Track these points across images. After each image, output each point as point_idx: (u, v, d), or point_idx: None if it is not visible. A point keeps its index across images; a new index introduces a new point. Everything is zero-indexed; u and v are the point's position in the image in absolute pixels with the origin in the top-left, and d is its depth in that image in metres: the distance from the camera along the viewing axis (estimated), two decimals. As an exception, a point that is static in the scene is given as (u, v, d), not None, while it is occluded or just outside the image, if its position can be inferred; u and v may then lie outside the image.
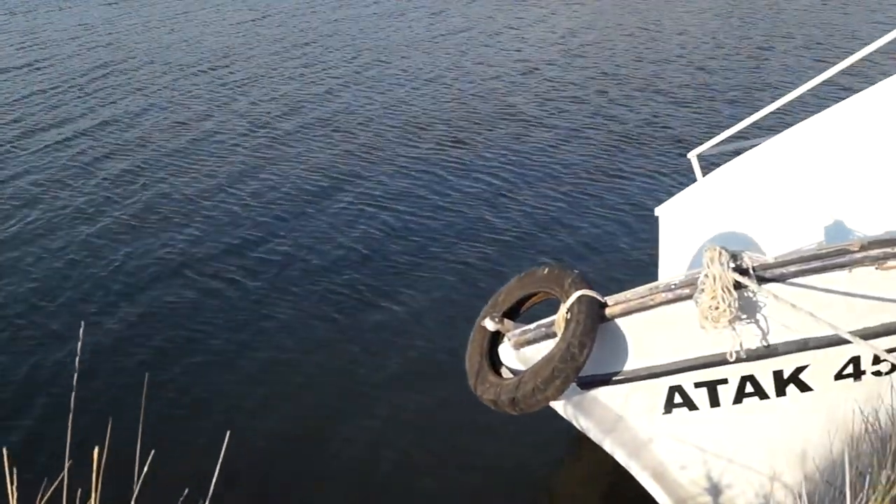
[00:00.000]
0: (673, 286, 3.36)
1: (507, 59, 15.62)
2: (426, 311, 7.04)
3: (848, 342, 3.38)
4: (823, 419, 3.75)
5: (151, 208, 9.32)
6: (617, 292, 3.52)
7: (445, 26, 18.66)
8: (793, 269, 3.28)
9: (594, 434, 3.89)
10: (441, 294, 7.29)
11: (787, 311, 3.25)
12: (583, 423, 3.87)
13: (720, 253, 3.25)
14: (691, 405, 3.75)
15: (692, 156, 5.68)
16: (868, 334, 3.45)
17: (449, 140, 11.22)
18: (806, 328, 3.39)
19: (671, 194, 5.77)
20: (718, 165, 5.32)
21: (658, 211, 5.58)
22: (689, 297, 3.30)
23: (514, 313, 3.86)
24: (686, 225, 5.28)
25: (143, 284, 7.62)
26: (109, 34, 18.49)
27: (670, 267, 5.18)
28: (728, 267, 3.22)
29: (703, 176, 5.45)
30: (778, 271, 3.28)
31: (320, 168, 10.35)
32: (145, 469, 2.53)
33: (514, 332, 3.68)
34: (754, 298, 3.35)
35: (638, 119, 11.92)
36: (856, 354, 3.57)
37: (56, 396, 5.89)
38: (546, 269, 3.76)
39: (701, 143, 5.71)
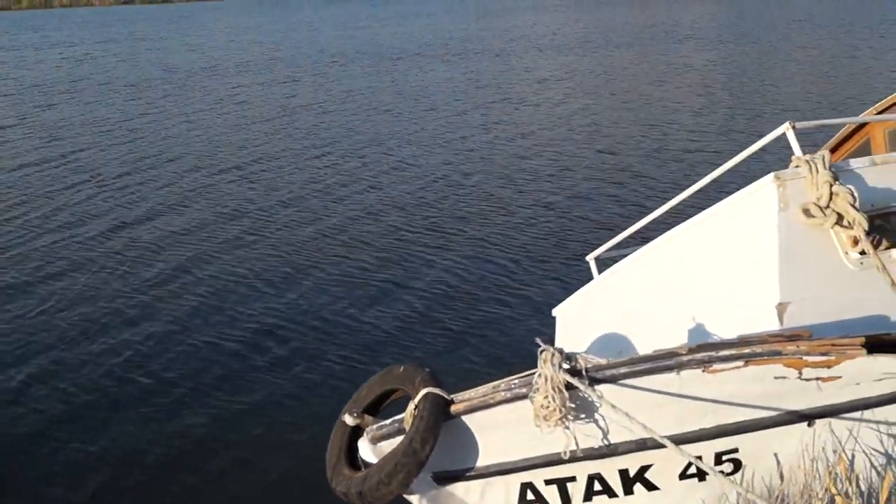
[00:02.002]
0: (512, 385, 3.51)
1: (453, 159, 16.23)
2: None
3: (686, 442, 3.53)
4: (672, 518, 3.85)
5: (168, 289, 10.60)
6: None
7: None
8: (623, 370, 3.43)
9: (450, 530, 3.96)
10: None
11: (614, 412, 3.40)
12: (439, 518, 3.94)
13: (553, 354, 3.42)
14: (544, 502, 3.85)
15: (590, 258, 5.90)
16: (701, 436, 3.60)
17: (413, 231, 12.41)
18: (641, 428, 3.52)
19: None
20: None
21: (555, 311, 5.77)
22: (526, 396, 3.45)
23: (376, 409, 4.00)
24: (579, 324, 5.45)
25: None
26: (129, 129, 20.09)
27: None
28: (559, 368, 3.38)
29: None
30: (609, 373, 3.42)
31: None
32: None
33: (372, 426, 3.80)
34: (589, 399, 3.50)
35: (574, 215, 12.44)
36: (697, 454, 3.69)
37: None
38: (402, 367, 3.91)
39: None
